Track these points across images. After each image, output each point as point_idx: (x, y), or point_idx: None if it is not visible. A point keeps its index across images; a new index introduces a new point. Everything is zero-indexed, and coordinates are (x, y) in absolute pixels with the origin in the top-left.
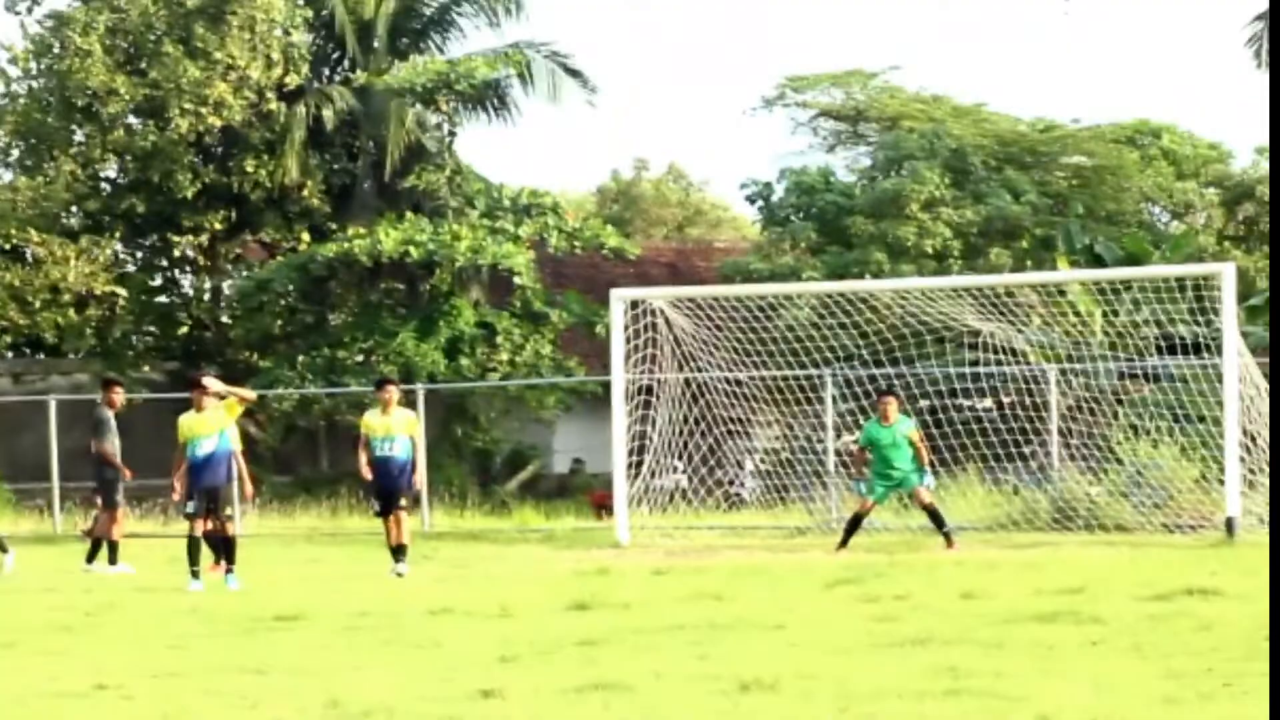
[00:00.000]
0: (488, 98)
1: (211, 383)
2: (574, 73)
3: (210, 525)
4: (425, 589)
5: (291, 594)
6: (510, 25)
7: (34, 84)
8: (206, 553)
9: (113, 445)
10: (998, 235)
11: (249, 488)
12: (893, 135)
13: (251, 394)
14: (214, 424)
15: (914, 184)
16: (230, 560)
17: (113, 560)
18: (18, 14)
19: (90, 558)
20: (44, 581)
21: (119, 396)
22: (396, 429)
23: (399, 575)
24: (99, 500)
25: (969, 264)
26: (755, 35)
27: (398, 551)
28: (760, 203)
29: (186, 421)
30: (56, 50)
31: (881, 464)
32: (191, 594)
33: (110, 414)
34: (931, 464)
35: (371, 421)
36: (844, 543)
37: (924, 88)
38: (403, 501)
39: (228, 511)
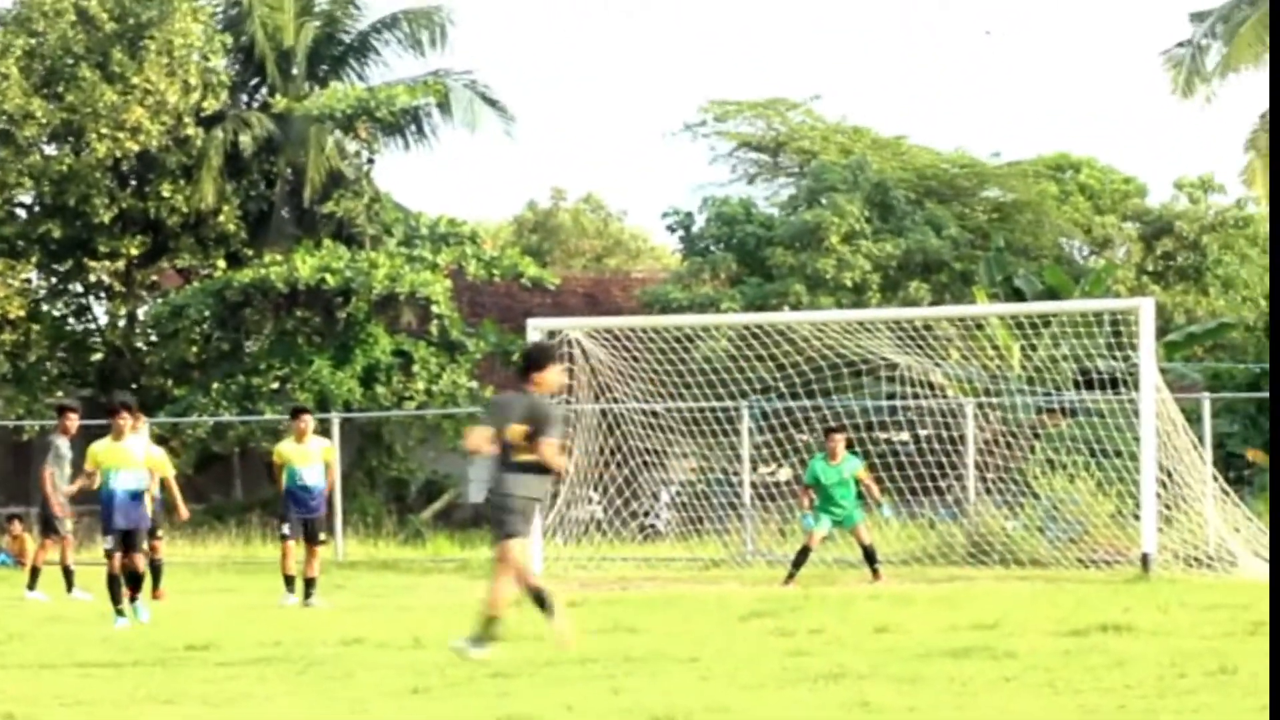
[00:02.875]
0: (407, 125)
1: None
2: (492, 102)
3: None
4: (338, 619)
5: (203, 623)
6: (431, 54)
7: None
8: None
9: (57, 473)
10: (917, 269)
11: (183, 511)
12: (818, 163)
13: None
14: (138, 459)
15: (834, 216)
16: (136, 591)
17: (31, 586)
18: None
19: (68, 587)
20: None
21: (73, 423)
22: (313, 458)
23: (309, 606)
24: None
25: (888, 297)
26: (675, 65)
27: (309, 584)
28: (681, 232)
29: (102, 451)
30: None
31: (825, 501)
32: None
33: (63, 440)
34: (887, 494)
35: (287, 451)
36: (791, 575)
37: (845, 117)
38: (322, 536)
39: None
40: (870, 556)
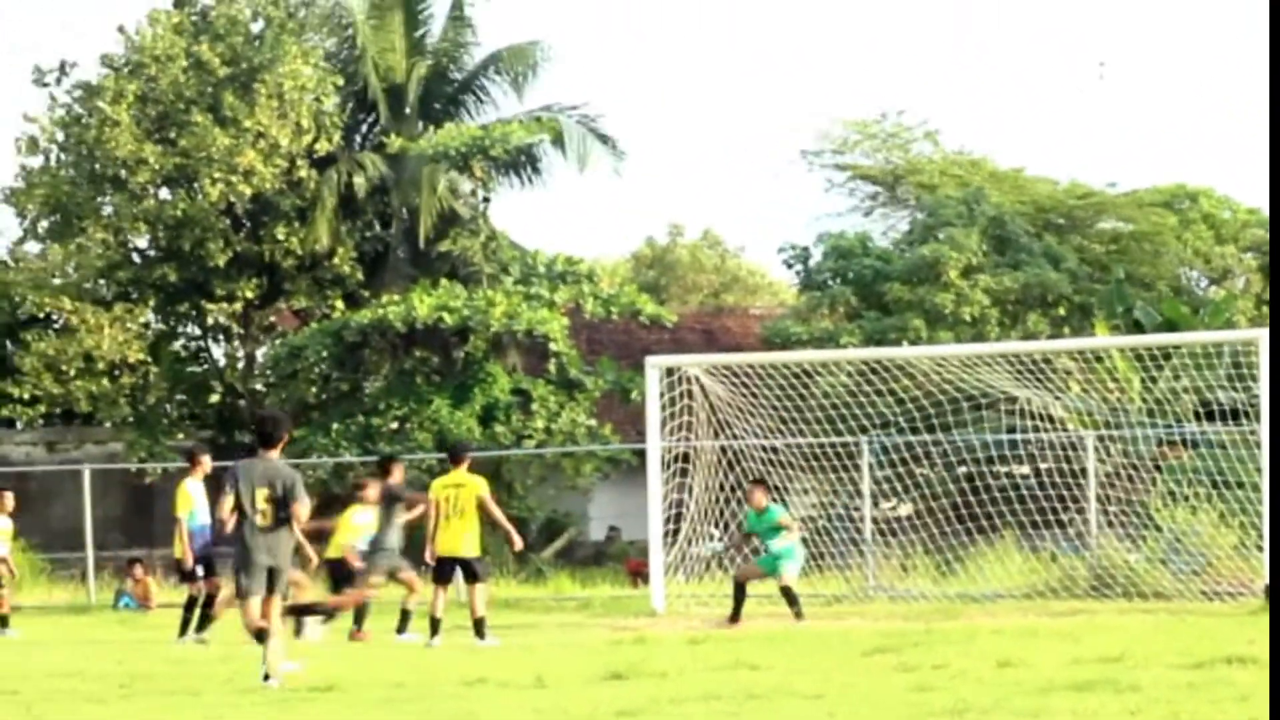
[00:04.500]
0: (521, 163)
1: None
2: (603, 138)
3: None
4: (460, 659)
5: (326, 664)
6: (540, 89)
7: (63, 155)
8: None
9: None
10: (1036, 302)
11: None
12: (932, 199)
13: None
14: None
15: (952, 251)
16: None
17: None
18: (46, 85)
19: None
20: (77, 652)
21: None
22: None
23: None
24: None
25: (1007, 331)
26: (791, 99)
27: None
28: (798, 266)
29: None
30: (85, 120)
31: (764, 544)
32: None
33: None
34: (805, 541)
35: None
36: (736, 616)
37: (963, 149)
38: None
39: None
40: (790, 599)
